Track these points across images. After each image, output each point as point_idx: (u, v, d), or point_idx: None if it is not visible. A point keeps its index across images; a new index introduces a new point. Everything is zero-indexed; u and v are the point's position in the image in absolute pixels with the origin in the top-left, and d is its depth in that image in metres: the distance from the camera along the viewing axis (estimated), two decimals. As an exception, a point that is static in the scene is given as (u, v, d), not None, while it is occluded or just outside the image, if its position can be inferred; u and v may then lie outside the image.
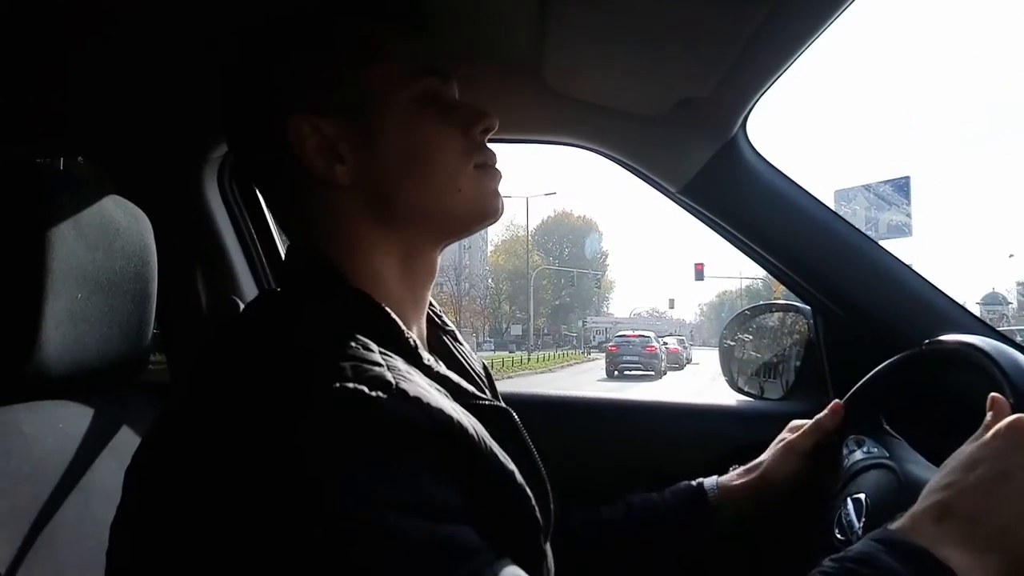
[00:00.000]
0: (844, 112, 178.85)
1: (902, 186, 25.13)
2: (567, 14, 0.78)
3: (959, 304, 1.07)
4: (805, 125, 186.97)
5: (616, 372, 24.35)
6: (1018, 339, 1.02)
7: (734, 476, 0.93)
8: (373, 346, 0.54)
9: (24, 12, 0.80)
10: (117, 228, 0.80)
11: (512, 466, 0.55)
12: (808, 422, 0.96)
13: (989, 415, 0.63)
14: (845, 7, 0.74)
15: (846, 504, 0.74)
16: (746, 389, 1.42)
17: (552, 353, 43.11)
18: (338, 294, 0.61)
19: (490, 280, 69.08)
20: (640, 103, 1.02)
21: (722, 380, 1.47)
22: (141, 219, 0.86)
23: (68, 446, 0.76)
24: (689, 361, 33.72)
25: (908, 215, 24.82)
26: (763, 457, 0.94)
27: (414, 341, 0.60)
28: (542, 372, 26.23)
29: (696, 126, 1.05)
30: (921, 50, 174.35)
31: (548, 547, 0.66)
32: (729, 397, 1.39)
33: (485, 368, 0.80)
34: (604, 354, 27.90)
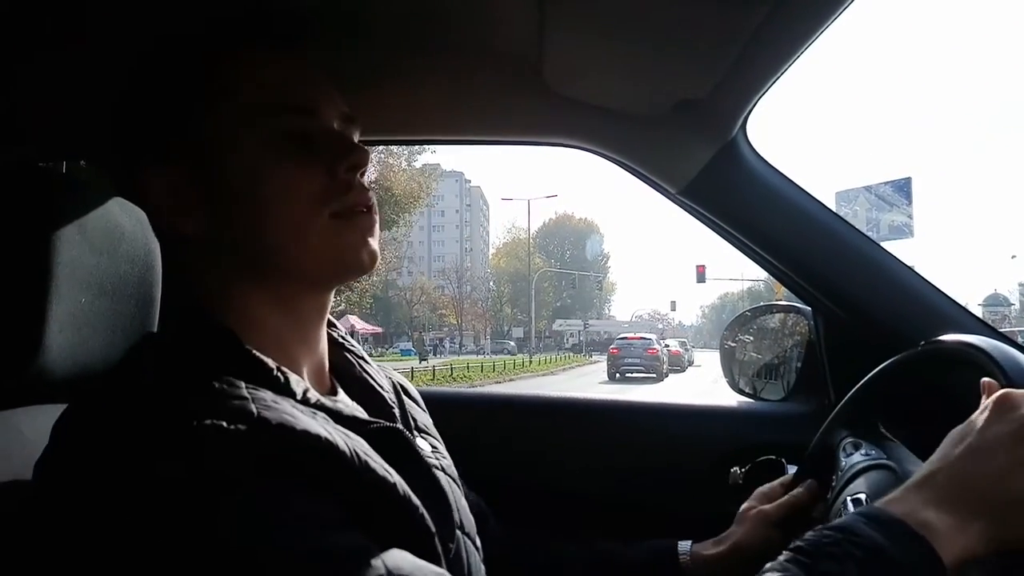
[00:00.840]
0: (845, 113, 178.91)
1: (903, 187, 25.03)
2: (566, 15, 0.79)
3: (960, 305, 1.07)
4: (806, 126, 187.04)
5: (618, 375, 24.33)
6: (1020, 340, 1.02)
7: (707, 545, 0.89)
8: (239, 383, 0.54)
9: (24, 11, 0.80)
10: (122, 232, 0.80)
11: (394, 478, 0.55)
12: (776, 484, 0.94)
13: (984, 399, 0.62)
14: (845, 7, 0.74)
15: (846, 506, 0.74)
16: (747, 390, 1.42)
17: (554, 356, 43.08)
18: (204, 337, 0.59)
19: (492, 283, 69.09)
20: (640, 104, 1.02)
21: (724, 383, 1.47)
22: (145, 223, 0.86)
23: None
24: (691, 363, 33.68)
25: (909, 216, 24.73)
26: (734, 528, 0.91)
27: (284, 377, 0.58)
28: (543, 375, 26.21)
29: (696, 127, 1.05)
30: (923, 50, 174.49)
31: (466, 546, 0.67)
32: (731, 399, 1.39)
33: (395, 385, 0.79)
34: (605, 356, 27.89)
